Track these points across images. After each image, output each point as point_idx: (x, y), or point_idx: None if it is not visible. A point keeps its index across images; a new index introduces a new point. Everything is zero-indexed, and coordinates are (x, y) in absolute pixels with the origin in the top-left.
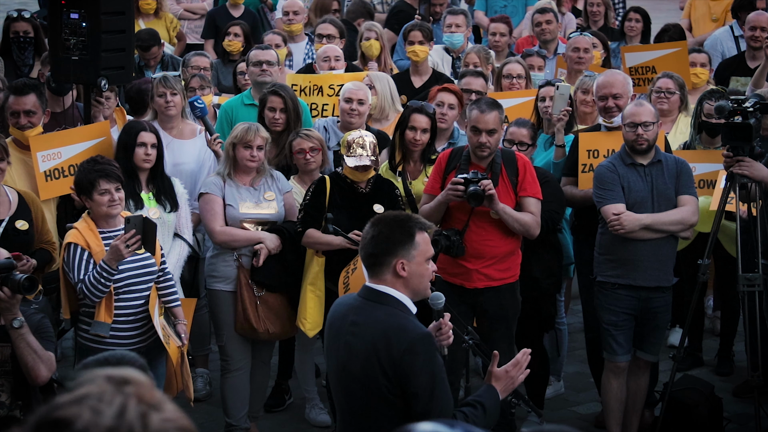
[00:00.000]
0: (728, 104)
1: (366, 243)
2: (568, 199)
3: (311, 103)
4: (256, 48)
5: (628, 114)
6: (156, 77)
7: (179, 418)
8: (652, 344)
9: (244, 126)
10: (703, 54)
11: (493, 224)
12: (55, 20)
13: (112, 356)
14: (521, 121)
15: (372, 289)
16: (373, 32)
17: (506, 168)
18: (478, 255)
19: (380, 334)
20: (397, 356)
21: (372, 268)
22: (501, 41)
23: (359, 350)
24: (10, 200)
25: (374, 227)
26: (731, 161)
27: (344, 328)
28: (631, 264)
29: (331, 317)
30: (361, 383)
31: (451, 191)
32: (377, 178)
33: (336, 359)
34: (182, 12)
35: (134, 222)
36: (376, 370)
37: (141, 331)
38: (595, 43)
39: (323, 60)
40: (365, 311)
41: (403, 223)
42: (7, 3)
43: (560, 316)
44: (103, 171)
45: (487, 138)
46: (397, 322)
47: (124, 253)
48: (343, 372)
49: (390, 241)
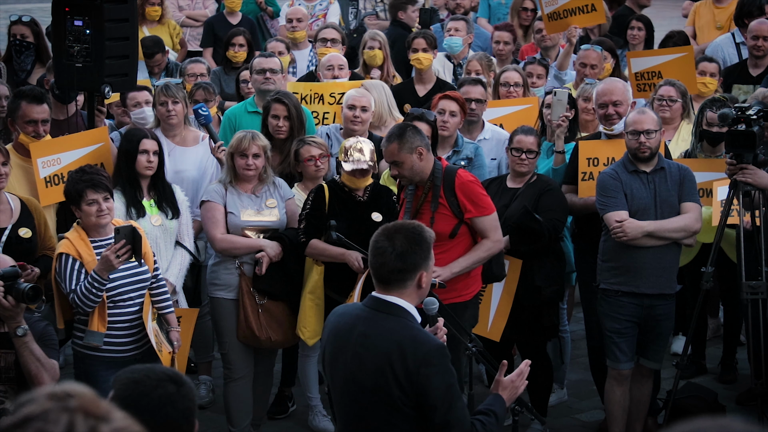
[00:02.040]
0: (732, 112)
1: (388, 258)
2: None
3: (312, 111)
4: (259, 56)
5: (630, 122)
6: (158, 85)
7: (129, 426)
8: (655, 352)
9: (240, 135)
10: (714, 64)
11: (448, 245)
12: (58, 27)
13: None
14: (526, 128)
15: (381, 300)
16: (376, 41)
17: (445, 190)
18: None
19: (394, 346)
20: (413, 368)
21: (394, 283)
22: (505, 49)
23: (370, 362)
24: (12, 208)
25: (391, 241)
26: (734, 169)
27: (352, 339)
28: (634, 271)
29: (335, 327)
30: (373, 395)
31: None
32: (375, 186)
33: (343, 370)
34: (184, 19)
35: (124, 232)
36: (389, 382)
37: (135, 338)
38: (604, 54)
39: (326, 68)
40: (375, 322)
41: (421, 236)
42: (31, 9)
43: (563, 323)
44: (90, 181)
45: (396, 169)
46: (410, 333)
47: (114, 263)
48: (352, 384)
49: (417, 256)
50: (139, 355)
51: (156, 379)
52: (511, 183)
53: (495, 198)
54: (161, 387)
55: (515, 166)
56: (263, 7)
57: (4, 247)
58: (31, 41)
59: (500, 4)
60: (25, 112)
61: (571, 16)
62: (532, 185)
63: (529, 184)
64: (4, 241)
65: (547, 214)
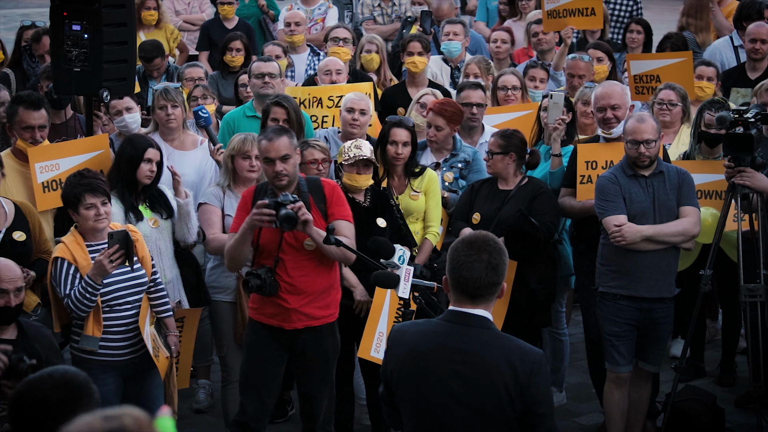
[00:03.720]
0: (730, 115)
1: (483, 272)
2: (566, 210)
3: (311, 115)
4: (258, 60)
5: (629, 130)
6: (157, 89)
7: None
8: (654, 355)
9: (241, 137)
10: (711, 68)
11: (307, 257)
12: (57, 32)
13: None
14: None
15: (467, 314)
16: (373, 45)
17: (313, 196)
18: (296, 291)
19: (502, 359)
20: (525, 379)
21: (485, 296)
22: (502, 48)
23: (475, 378)
24: (6, 212)
25: (481, 254)
26: (733, 172)
27: (446, 357)
28: (632, 275)
29: (413, 348)
30: (481, 413)
31: (256, 216)
32: (374, 191)
33: (442, 391)
34: (181, 24)
35: (117, 237)
36: (501, 396)
37: (132, 342)
38: (600, 56)
39: (324, 73)
40: (470, 338)
41: (503, 247)
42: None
43: (562, 327)
44: (88, 185)
45: (282, 165)
46: (512, 344)
47: (108, 268)
48: (456, 404)
49: (505, 267)
50: (137, 359)
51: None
52: (501, 185)
53: (487, 200)
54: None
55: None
56: (265, 10)
57: None
58: None
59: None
60: (22, 118)
61: (569, 17)
62: (523, 188)
63: (521, 186)
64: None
65: (540, 218)
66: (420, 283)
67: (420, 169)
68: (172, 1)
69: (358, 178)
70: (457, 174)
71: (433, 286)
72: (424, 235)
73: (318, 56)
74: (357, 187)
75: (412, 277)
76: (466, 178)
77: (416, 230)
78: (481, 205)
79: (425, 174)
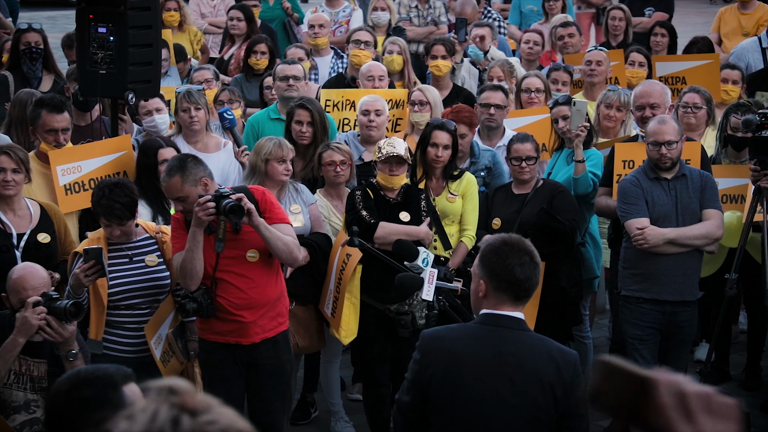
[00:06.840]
0: (755, 118)
1: (534, 274)
2: (603, 210)
3: (344, 117)
4: (282, 63)
5: (651, 132)
6: (180, 91)
7: (234, 423)
8: (677, 358)
9: (274, 141)
10: (737, 71)
11: (252, 268)
12: (82, 34)
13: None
14: (521, 136)
15: (504, 316)
16: (396, 46)
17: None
18: (251, 305)
19: (546, 360)
20: (568, 380)
21: (529, 298)
22: (534, 50)
23: (522, 380)
24: (32, 213)
25: (522, 256)
26: (758, 175)
27: (491, 359)
28: (655, 278)
29: (454, 351)
30: (527, 414)
31: (201, 211)
32: (408, 188)
33: (491, 394)
34: (207, 26)
35: (92, 254)
36: (548, 396)
37: (138, 341)
38: (642, 61)
39: (367, 78)
40: (512, 340)
41: (533, 247)
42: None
43: (585, 329)
44: (106, 208)
45: (182, 205)
46: (551, 345)
47: (83, 282)
48: (503, 407)
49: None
50: (149, 358)
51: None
52: (517, 190)
53: (504, 205)
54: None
55: (517, 175)
56: (290, 12)
57: (22, 253)
58: (42, 48)
59: (532, 12)
60: (45, 121)
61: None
62: (540, 189)
63: (537, 188)
64: (22, 246)
65: (563, 215)
66: (444, 285)
67: (459, 172)
68: (198, 3)
69: (392, 179)
70: (480, 182)
71: (456, 288)
72: (459, 238)
73: (342, 59)
74: (389, 186)
75: (436, 280)
76: (489, 185)
77: (452, 233)
78: (499, 211)
79: (463, 177)
